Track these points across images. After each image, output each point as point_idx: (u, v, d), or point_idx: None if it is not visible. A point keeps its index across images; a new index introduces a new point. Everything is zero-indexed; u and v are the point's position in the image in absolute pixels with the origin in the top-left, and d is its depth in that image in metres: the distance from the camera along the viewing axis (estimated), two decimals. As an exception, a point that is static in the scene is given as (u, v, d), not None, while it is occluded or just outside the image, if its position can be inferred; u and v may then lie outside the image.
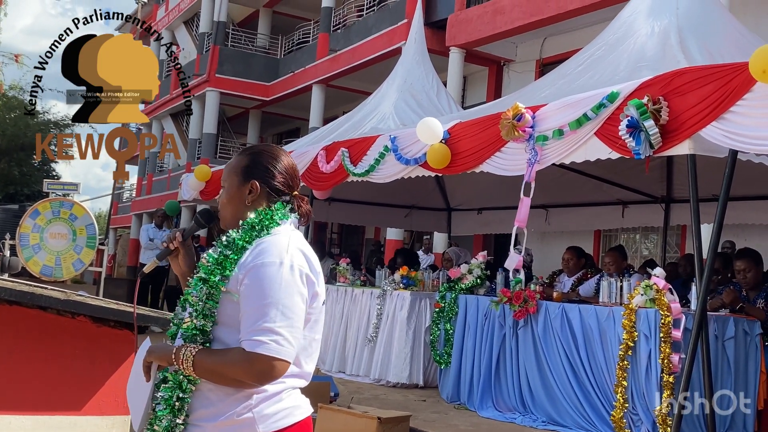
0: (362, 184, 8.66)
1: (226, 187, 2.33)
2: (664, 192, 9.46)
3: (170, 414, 2.12)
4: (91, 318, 4.15)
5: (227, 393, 2.13)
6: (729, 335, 5.98)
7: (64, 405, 4.12)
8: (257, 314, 2.07)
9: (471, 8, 14.03)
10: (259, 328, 2.05)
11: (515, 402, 7.03)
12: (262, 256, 2.13)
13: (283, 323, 2.07)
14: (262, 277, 2.09)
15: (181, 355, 2.11)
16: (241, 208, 2.28)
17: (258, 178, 2.29)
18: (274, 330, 2.06)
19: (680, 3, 6.87)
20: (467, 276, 7.97)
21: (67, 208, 11.19)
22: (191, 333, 2.15)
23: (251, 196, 2.28)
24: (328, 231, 22.64)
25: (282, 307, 2.08)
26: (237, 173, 2.31)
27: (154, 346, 2.23)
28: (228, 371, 2.08)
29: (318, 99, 19.05)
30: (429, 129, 6.82)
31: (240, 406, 2.12)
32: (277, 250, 2.14)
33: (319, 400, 5.83)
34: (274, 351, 2.05)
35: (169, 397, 2.13)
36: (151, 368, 2.20)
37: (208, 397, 2.14)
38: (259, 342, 2.05)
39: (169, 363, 2.15)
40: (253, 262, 2.13)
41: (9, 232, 13.01)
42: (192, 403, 2.15)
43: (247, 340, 2.06)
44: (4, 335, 4.08)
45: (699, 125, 4.99)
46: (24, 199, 29.98)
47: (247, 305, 2.10)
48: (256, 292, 2.09)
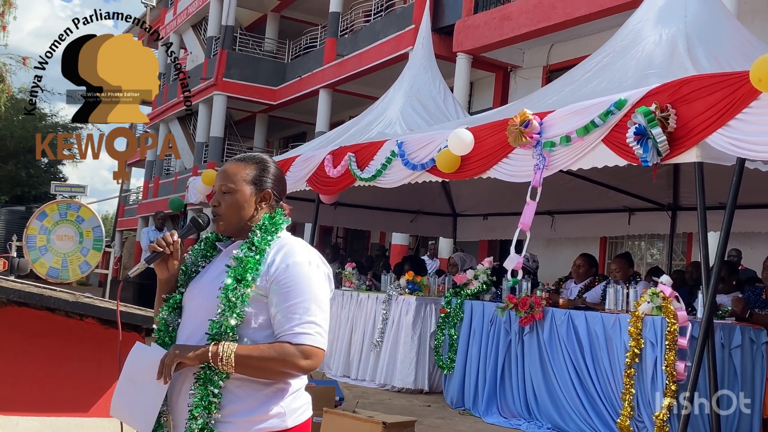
0: (368, 188, 8.67)
1: (237, 194, 2.35)
2: (670, 199, 9.45)
3: (205, 411, 2.16)
4: (99, 320, 4.17)
5: (255, 389, 2.21)
6: (735, 343, 5.97)
7: (72, 406, 4.13)
8: (300, 309, 2.19)
9: (478, 14, 14.06)
10: (304, 321, 2.18)
11: (520, 408, 7.03)
12: (291, 257, 2.25)
13: (321, 316, 2.22)
14: (298, 275, 2.22)
15: (220, 352, 2.15)
16: (251, 214, 2.36)
17: (270, 187, 2.39)
18: (316, 322, 2.20)
19: (688, 10, 6.87)
20: (473, 282, 7.98)
21: (75, 210, 11.22)
22: (222, 331, 2.18)
23: (264, 203, 2.38)
24: (333, 235, 22.65)
25: (318, 301, 2.22)
26: (250, 182, 2.37)
27: (180, 346, 2.23)
28: (274, 365, 2.17)
29: (325, 103, 19.08)
30: (460, 140, 6.80)
31: (271, 401, 2.22)
32: (300, 251, 2.27)
33: (324, 405, 5.83)
34: (319, 342, 2.20)
35: (204, 395, 2.17)
36: (171, 369, 2.19)
37: (236, 393, 2.20)
38: (306, 333, 2.18)
39: (203, 361, 2.17)
40: (283, 261, 2.24)
41: (16, 233, 13.06)
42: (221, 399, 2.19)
43: (293, 333, 2.18)
44: (12, 336, 4.10)
45: (705, 133, 4.99)
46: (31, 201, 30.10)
47: (286, 301, 2.20)
48: (295, 289, 2.20)
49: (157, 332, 2.35)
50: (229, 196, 2.36)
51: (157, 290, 2.43)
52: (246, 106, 23.68)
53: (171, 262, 2.41)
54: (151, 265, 2.40)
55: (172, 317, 2.36)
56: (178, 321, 2.35)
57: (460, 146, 6.83)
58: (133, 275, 2.43)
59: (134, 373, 2.27)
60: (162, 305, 2.38)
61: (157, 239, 2.40)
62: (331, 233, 22.46)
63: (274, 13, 24.01)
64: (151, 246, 2.40)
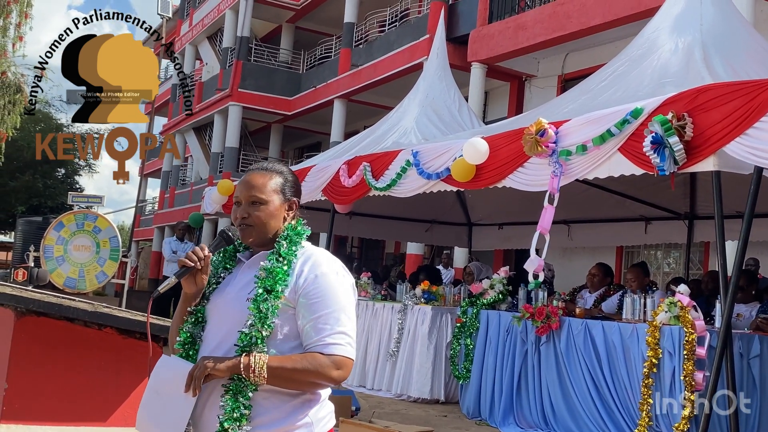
0: (383, 198, 8.68)
1: (269, 204, 2.34)
2: (687, 208, 9.40)
3: (236, 423, 2.15)
4: (117, 330, 4.19)
5: (283, 400, 2.21)
6: (754, 353, 5.93)
7: (90, 416, 4.15)
8: (331, 320, 2.20)
9: (493, 24, 14.06)
10: (335, 332, 2.20)
11: (537, 418, 7.00)
12: (318, 267, 2.26)
13: (350, 326, 2.24)
14: (327, 286, 2.23)
15: (252, 363, 2.14)
16: (280, 224, 2.36)
17: (296, 197, 2.41)
18: (347, 333, 2.22)
19: (704, 19, 6.85)
20: (489, 291, 7.96)
21: (91, 221, 11.31)
22: (252, 343, 2.17)
23: (291, 213, 2.39)
24: (348, 245, 22.67)
25: (347, 312, 2.24)
26: (278, 192, 2.37)
27: (210, 358, 2.21)
28: (306, 376, 2.17)
29: (339, 113, 19.14)
30: (475, 149, 6.80)
31: (299, 411, 2.22)
32: (326, 261, 2.28)
33: (341, 414, 5.83)
34: (350, 352, 2.22)
35: (235, 407, 2.16)
36: (200, 382, 2.16)
37: (263, 404, 2.19)
38: (337, 344, 2.19)
39: (235, 372, 2.16)
40: (312, 272, 2.25)
41: (33, 244, 13.15)
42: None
43: (324, 344, 2.19)
44: (31, 346, 4.13)
45: (722, 141, 4.97)
46: (48, 212, 30.27)
47: (316, 312, 2.21)
48: (325, 300, 2.22)
49: (181, 344, 2.32)
50: (260, 207, 2.33)
51: (180, 303, 2.39)
52: (261, 117, 23.78)
53: (200, 276, 2.34)
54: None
55: (197, 330, 2.34)
56: (202, 334, 2.33)
57: (475, 155, 6.83)
58: (163, 290, 2.39)
59: (160, 385, 2.25)
60: (187, 317, 2.36)
61: (188, 254, 2.34)
62: (346, 243, 22.49)
63: (289, 24, 24.12)
64: (181, 261, 2.33)
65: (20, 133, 27.84)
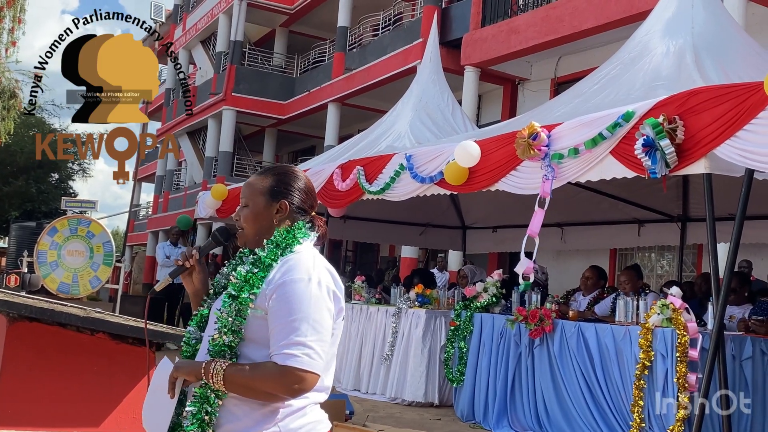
0: (377, 202, 8.69)
1: (251, 206, 2.35)
2: (680, 211, 9.43)
3: (199, 429, 2.14)
4: (110, 335, 4.18)
5: (253, 408, 2.15)
6: (746, 355, 5.95)
7: (83, 421, 4.14)
8: (289, 329, 2.11)
9: (486, 27, 14.10)
10: (291, 342, 2.09)
11: (531, 421, 7.00)
12: (290, 273, 2.17)
13: (314, 337, 2.11)
14: (292, 293, 2.14)
15: (211, 369, 2.13)
16: (267, 226, 2.32)
17: (286, 199, 2.34)
18: (306, 344, 2.10)
19: (695, 22, 6.88)
20: (483, 294, 7.97)
21: (85, 226, 11.27)
22: (220, 349, 2.16)
23: (279, 215, 2.33)
24: (343, 249, 22.66)
25: (312, 321, 2.12)
26: (264, 193, 2.34)
27: (181, 362, 2.24)
28: (260, 385, 2.11)
29: (333, 117, 19.14)
30: (466, 152, 6.82)
31: (267, 420, 2.15)
32: (304, 267, 2.18)
33: (335, 419, 5.82)
34: (307, 364, 2.09)
35: (198, 412, 2.15)
36: (176, 384, 2.21)
37: (234, 411, 2.16)
38: (292, 355, 2.09)
39: (198, 378, 2.17)
40: (282, 278, 2.16)
41: (27, 249, 13.12)
42: (218, 418, 2.17)
43: (280, 353, 2.10)
44: (23, 352, 4.12)
45: (713, 144, 4.99)
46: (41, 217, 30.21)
47: (277, 320, 2.14)
48: (287, 307, 2.13)
49: (184, 345, 2.37)
50: (245, 209, 2.35)
51: (191, 302, 2.49)
52: (255, 121, 23.76)
53: (195, 275, 2.46)
54: (176, 280, 2.49)
55: (198, 331, 2.37)
56: (202, 334, 2.35)
57: (466, 158, 6.84)
58: (159, 289, 2.49)
59: (156, 386, 2.30)
60: (192, 318, 2.40)
61: (181, 253, 2.47)
62: (341, 247, 22.48)
63: (282, 28, 24.12)
64: (175, 260, 2.51)
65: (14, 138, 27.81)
